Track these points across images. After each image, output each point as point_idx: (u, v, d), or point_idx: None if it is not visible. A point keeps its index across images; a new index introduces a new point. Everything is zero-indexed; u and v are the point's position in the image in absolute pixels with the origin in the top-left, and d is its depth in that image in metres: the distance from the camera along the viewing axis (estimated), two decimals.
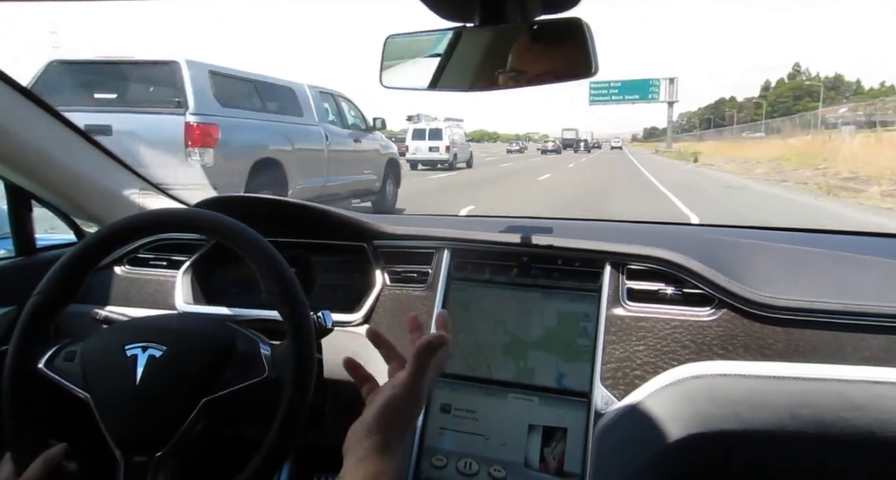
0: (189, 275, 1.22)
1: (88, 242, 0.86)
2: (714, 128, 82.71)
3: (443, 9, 0.76)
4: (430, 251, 1.14)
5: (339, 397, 0.96)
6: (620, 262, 1.04)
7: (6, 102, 1.07)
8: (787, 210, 10.08)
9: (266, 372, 0.80)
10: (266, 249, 0.83)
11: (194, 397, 0.78)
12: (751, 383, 0.93)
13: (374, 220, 1.20)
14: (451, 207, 8.52)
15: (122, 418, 0.78)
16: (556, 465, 0.94)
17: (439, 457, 0.99)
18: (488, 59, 0.81)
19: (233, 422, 0.88)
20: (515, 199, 11.64)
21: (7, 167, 1.15)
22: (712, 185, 14.95)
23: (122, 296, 1.26)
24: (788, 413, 0.92)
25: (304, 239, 1.21)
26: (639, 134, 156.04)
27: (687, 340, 0.97)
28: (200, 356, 0.81)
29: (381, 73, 0.88)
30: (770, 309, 0.95)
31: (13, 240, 1.28)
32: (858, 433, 0.91)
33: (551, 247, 1.06)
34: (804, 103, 78.05)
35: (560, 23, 0.76)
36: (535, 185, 15.23)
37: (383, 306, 1.14)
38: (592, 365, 0.98)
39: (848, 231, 1.43)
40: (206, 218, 0.87)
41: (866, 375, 0.90)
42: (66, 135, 1.19)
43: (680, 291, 1.01)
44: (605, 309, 1.00)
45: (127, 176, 1.33)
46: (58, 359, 0.82)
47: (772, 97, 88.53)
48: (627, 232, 1.30)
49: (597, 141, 77.19)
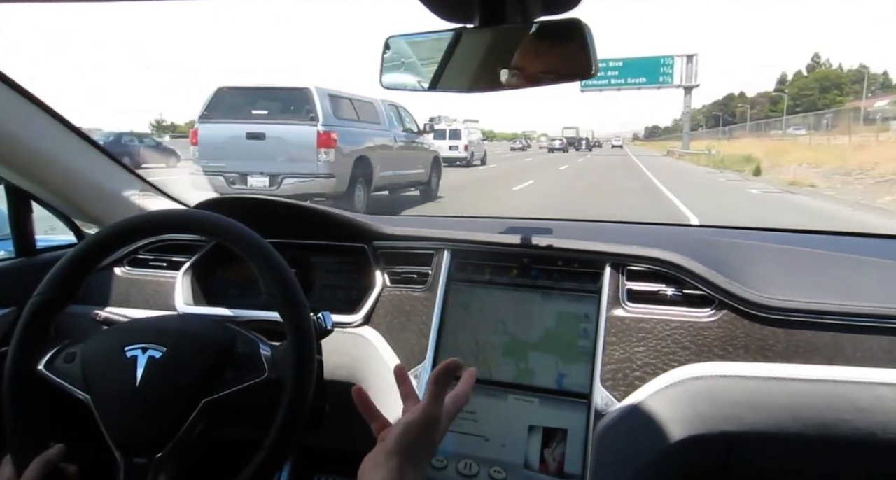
0: (189, 276, 1.22)
1: (88, 243, 0.86)
2: (723, 126, 74.74)
3: (443, 10, 0.75)
4: (430, 252, 1.14)
5: (339, 398, 0.96)
6: (620, 263, 1.04)
7: (6, 104, 1.07)
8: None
9: (266, 372, 0.80)
10: (266, 250, 0.83)
11: (194, 398, 0.77)
12: (751, 384, 0.93)
13: (374, 221, 1.20)
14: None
15: (122, 419, 0.78)
16: (556, 466, 0.94)
17: (439, 458, 0.99)
18: (488, 59, 0.81)
19: (233, 423, 0.88)
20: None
21: (7, 168, 1.15)
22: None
23: (122, 297, 1.26)
24: (789, 415, 0.92)
25: (304, 240, 1.22)
26: (640, 133, 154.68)
27: (687, 341, 0.97)
28: (200, 357, 0.81)
29: (381, 74, 0.88)
30: (770, 311, 0.95)
31: (13, 241, 1.28)
32: (859, 434, 0.90)
33: (551, 248, 1.06)
34: (832, 96, 70.81)
35: (560, 23, 0.76)
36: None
37: (383, 307, 1.14)
38: (592, 366, 0.98)
39: (848, 232, 1.43)
40: (206, 219, 0.86)
41: (867, 376, 0.90)
42: (66, 137, 1.19)
43: (680, 292, 1.01)
44: (606, 310, 1.00)
45: (127, 177, 1.33)
46: (58, 361, 0.82)
47: (793, 90, 77.40)
48: (627, 233, 1.30)
49: (597, 140, 76.95)
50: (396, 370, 0.76)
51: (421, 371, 1.05)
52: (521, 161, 28.72)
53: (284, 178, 7.06)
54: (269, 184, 7.11)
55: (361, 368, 1.12)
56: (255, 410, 0.86)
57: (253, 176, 7.13)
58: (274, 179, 7.09)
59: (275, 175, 7.07)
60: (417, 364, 1.06)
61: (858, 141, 20.80)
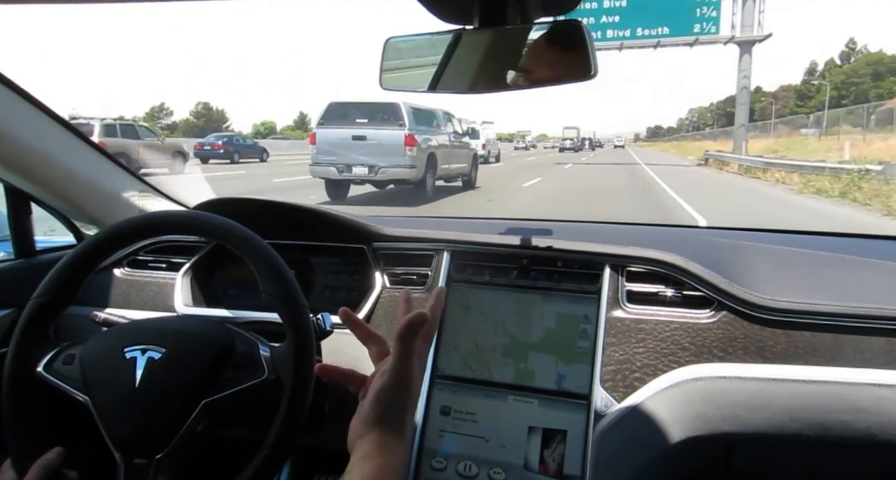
0: (188, 277, 1.22)
1: (88, 244, 0.86)
2: (698, 132, 67.22)
3: (442, 11, 0.76)
4: (429, 253, 1.14)
5: (339, 398, 0.96)
6: (620, 264, 1.04)
7: (6, 105, 1.07)
8: None
9: (265, 373, 0.80)
10: (265, 251, 0.83)
11: (194, 399, 0.78)
12: (751, 385, 0.93)
13: (374, 222, 1.20)
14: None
15: (122, 420, 0.78)
16: (555, 467, 0.94)
17: (439, 460, 0.99)
18: (488, 61, 0.81)
19: (232, 424, 0.88)
20: None
21: (7, 169, 1.15)
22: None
23: (121, 299, 1.26)
24: (788, 416, 0.92)
25: (303, 241, 1.22)
26: (641, 133, 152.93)
27: (686, 342, 0.97)
28: (200, 357, 0.81)
29: (381, 76, 0.88)
30: (770, 312, 0.95)
31: (13, 242, 1.28)
32: (859, 435, 0.90)
33: (551, 249, 1.06)
34: (888, 83, 58.25)
35: (559, 24, 0.77)
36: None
37: (383, 308, 1.14)
38: (592, 367, 0.98)
39: (848, 233, 1.43)
40: (206, 220, 0.87)
41: (867, 377, 0.90)
42: (66, 138, 1.19)
43: (679, 293, 1.01)
44: (605, 311, 1.00)
45: (126, 178, 1.33)
46: (57, 362, 0.82)
47: (837, 78, 63.55)
48: (627, 234, 1.30)
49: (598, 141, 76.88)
50: (341, 313, 0.71)
51: None
52: (524, 160, 30.22)
53: (380, 168, 9.59)
54: (368, 172, 9.70)
55: (361, 369, 1.11)
56: (254, 411, 0.86)
57: (356, 166, 9.67)
58: (372, 169, 9.63)
59: (373, 166, 9.59)
60: None
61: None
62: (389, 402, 0.63)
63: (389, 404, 0.63)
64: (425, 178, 10.15)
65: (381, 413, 0.62)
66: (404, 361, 0.64)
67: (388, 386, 0.63)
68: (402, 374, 0.64)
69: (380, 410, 0.62)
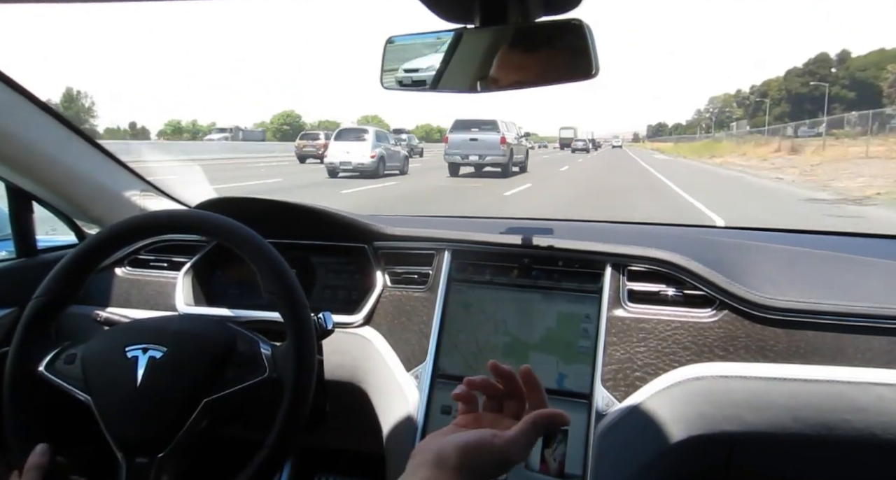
0: (190, 277, 1.22)
1: (89, 244, 0.86)
2: (722, 129, 61.02)
3: (443, 10, 0.75)
4: (430, 252, 1.14)
5: (340, 398, 0.96)
6: (621, 263, 1.04)
7: (7, 104, 1.07)
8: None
9: (267, 372, 0.80)
10: (267, 250, 0.83)
11: (195, 398, 0.77)
12: (752, 384, 0.93)
13: (375, 221, 1.20)
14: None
15: (124, 420, 0.78)
16: (556, 467, 0.94)
17: None
18: (489, 60, 0.81)
19: (234, 423, 0.88)
20: None
21: (8, 168, 1.15)
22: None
23: (122, 298, 1.26)
24: (790, 415, 0.92)
25: (304, 240, 1.22)
26: (641, 132, 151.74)
27: (688, 342, 0.97)
28: (201, 356, 0.81)
29: (381, 75, 0.88)
30: (771, 311, 0.95)
31: (14, 241, 1.28)
32: (860, 435, 0.90)
33: (552, 249, 1.06)
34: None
35: (561, 24, 0.76)
36: None
37: (384, 307, 1.14)
38: (593, 366, 0.98)
39: (850, 233, 1.43)
40: (207, 219, 0.87)
41: (868, 377, 0.90)
42: (67, 137, 1.19)
43: (681, 293, 1.01)
44: (606, 310, 1.00)
45: (128, 177, 1.33)
46: (58, 362, 0.82)
47: (855, 63, 59.16)
48: (628, 233, 1.30)
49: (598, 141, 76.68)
50: (523, 373, 0.63)
51: (421, 371, 1.05)
52: (541, 157, 35.08)
53: (486, 156, 16.13)
54: (478, 159, 16.30)
55: (362, 368, 1.12)
56: (255, 410, 0.85)
57: (470, 156, 16.25)
58: (481, 156, 16.18)
59: (481, 155, 16.14)
60: (418, 364, 1.06)
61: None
62: (478, 458, 0.57)
63: (477, 459, 0.56)
64: (508, 164, 16.62)
65: (463, 458, 0.56)
66: (526, 443, 0.59)
67: (493, 447, 0.57)
68: (509, 452, 0.57)
69: (465, 455, 0.56)
